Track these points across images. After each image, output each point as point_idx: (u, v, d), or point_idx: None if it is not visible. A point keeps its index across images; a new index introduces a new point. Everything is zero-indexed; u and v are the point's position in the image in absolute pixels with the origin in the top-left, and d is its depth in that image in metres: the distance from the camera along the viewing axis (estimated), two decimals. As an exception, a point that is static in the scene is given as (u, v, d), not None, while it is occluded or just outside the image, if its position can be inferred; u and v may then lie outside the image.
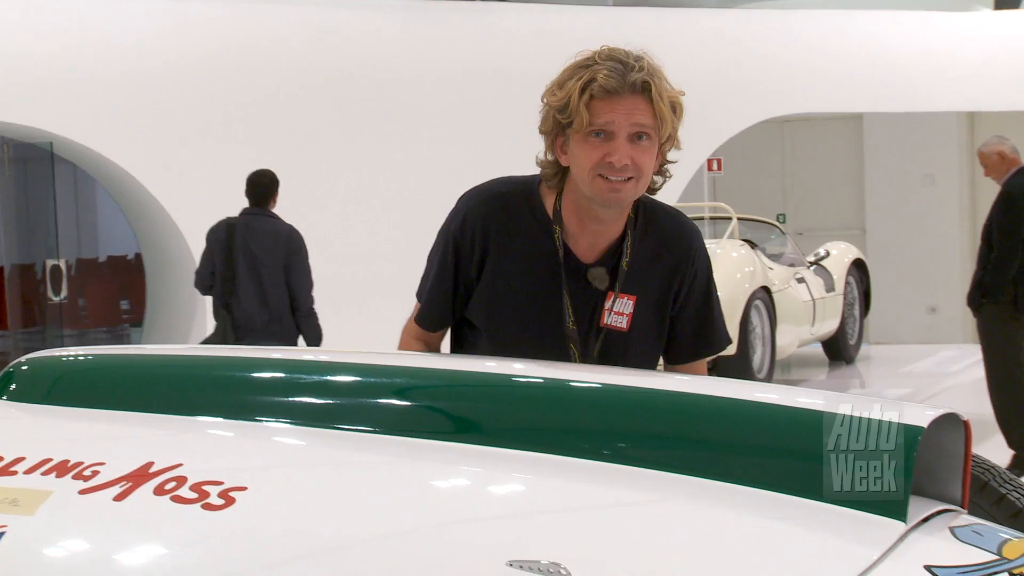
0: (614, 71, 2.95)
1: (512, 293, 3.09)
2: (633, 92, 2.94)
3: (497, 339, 3.12)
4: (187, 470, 2.02)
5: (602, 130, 2.95)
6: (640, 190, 3.01)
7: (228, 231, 8.83)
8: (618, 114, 2.94)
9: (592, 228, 3.07)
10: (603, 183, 2.96)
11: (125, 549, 1.93)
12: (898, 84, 15.53)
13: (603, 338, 3.09)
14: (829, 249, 13.80)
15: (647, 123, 2.95)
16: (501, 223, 3.09)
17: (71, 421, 2.45)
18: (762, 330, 11.27)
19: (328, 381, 2.54)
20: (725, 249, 11.39)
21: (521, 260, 3.08)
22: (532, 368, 2.68)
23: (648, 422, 2.29)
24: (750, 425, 2.21)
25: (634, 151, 2.95)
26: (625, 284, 3.09)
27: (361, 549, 1.89)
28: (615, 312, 3.08)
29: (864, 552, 1.89)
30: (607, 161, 2.94)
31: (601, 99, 2.94)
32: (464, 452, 2.23)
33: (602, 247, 3.09)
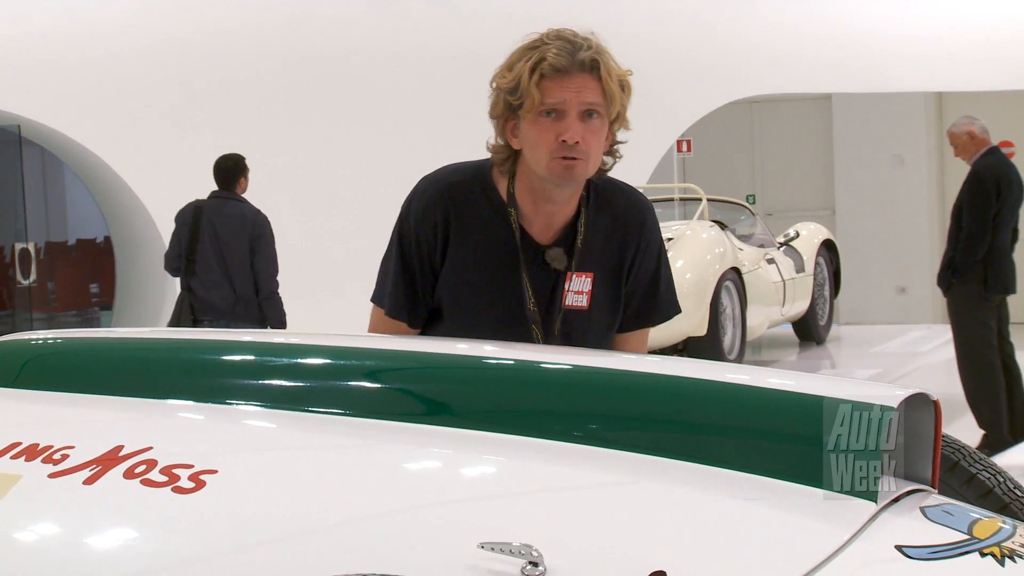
0: (563, 50, 2.97)
1: (472, 278, 3.10)
2: (582, 70, 2.97)
3: (461, 323, 3.13)
4: (157, 453, 2.02)
5: (553, 109, 2.96)
6: (592, 168, 3.03)
7: (195, 213, 8.88)
8: (568, 92, 2.96)
9: (546, 209, 3.08)
10: (557, 162, 2.97)
11: (95, 533, 1.92)
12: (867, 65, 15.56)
13: (564, 317, 3.10)
14: (799, 230, 13.83)
15: (597, 101, 2.98)
16: (458, 210, 3.10)
17: (41, 405, 2.44)
18: (732, 311, 11.29)
19: (299, 364, 2.53)
20: (695, 230, 11.40)
21: (479, 246, 3.09)
22: (503, 350, 2.68)
23: (619, 404, 2.29)
24: (720, 406, 2.22)
25: (585, 130, 2.97)
26: (581, 262, 3.10)
27: (332, 531, 1.88)
28: (574, 291, 3.09)
29: (835, 532, 1.90)
30: (560, 140, 2.96)
31: (551, 78, 2.96)
32: (435, 434, 2.23)
33: (557, 227, 3.10)
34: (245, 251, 8.74)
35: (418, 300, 3.15)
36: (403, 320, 3.17)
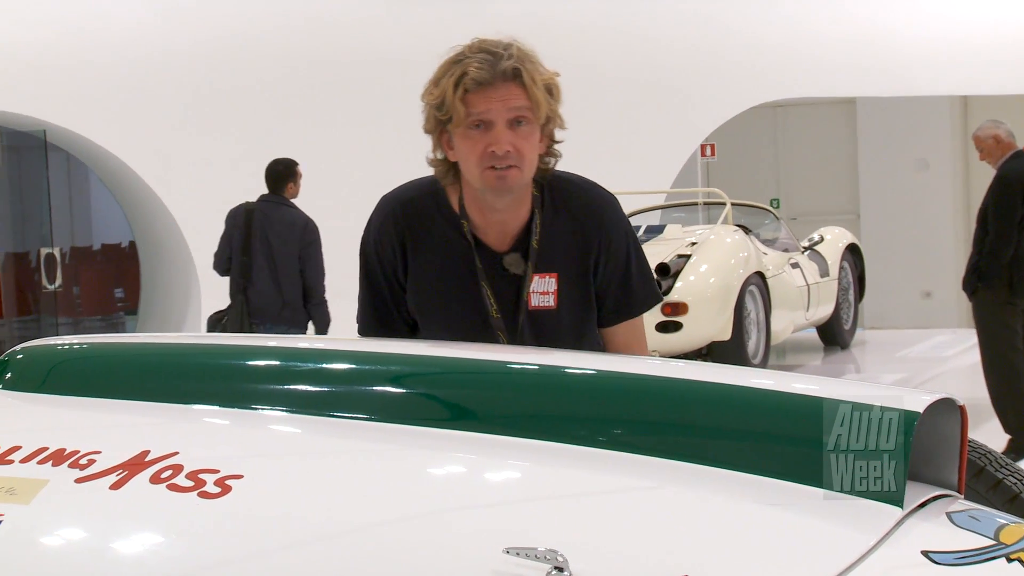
0: (484, 62, 2.99)
1: (434, 292, 3.14)
2: (505, 80, 2.98)
3: (432, 335, 3.17)
4: (183, 458, 2.02)
5: (480, 121, 2.99)
6: (526, 175, 3.05)
7: (246, 217, 9.05)
8: (493, 103, 2.98)
9: (495, 218, 3.11)
10: (489, 173, 3.00)
11: (121, 538, 1.93)
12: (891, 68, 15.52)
13: (534, 320, 3.12)
14: (823, 234, 13.78)
15: (523, 107, 2.99)
16: (412, 226, 3.14)
17: (67, 410, 2.45)
18: (757, 315, 11.27)
19: (323, 369, 2.54)
20: (719, 235, 11.38)
21: (437, 259, 3.13)
22: (528, 355, 2.68)
23: (644, 409, 2.29)
24: (746, 411, 2.21)
25: (514, 137, 2.99)
26: (541, 263, 3.12)
27: (357, 536, 1.89)
28: (539, 292, 3.11)
29: (861, 538, 1.89)
30: (489, 151, 2.98)
31: (475, 91, 2.98)
32: (460, 439, 2.23)
33: (512, 233, 3.13)
34: (294, 257, 8.90)
35: (388, 318, 3.19)
36: (374, 336, 3.21)
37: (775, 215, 13.86)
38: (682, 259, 10.77)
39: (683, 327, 10.46)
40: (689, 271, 10.68)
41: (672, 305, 10.43)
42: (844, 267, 13.58)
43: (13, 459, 2.07)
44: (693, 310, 10.47)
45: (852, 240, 13.94)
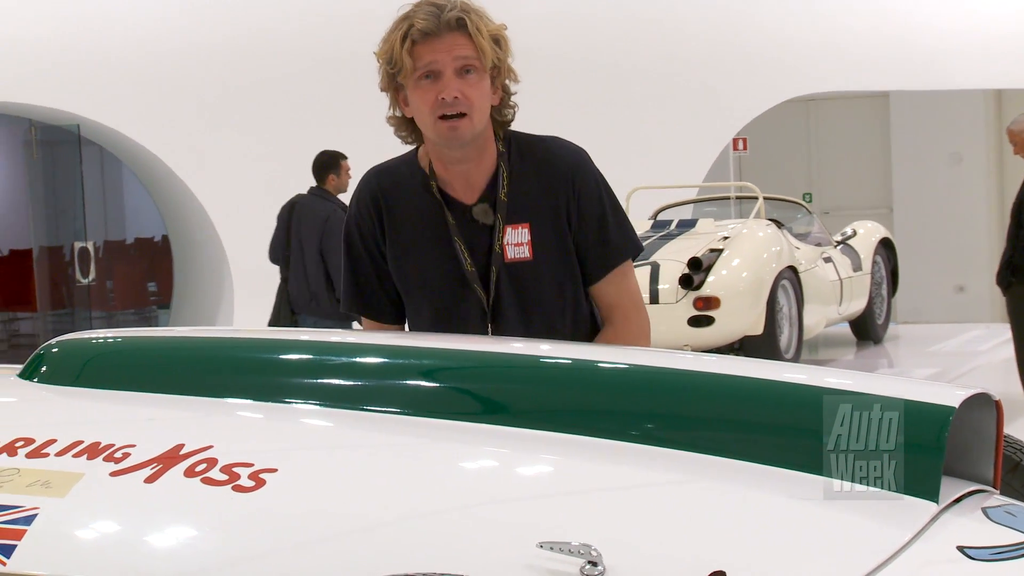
0: (429, 15, 3.06)
1: (411, 253, 3.20)
2: (451, 30, 3.05)
3: (412, 300, 3.22)
4: (217, 452, 2.03)
5: (429, 71, 3.05)
6: (479, 123, 3.10)
7: (288, 209, 9.23)
8: (440, 53, 3.05)
9: (456, 170, 3.17)
10: (441, 124, 3.06)
11: (156, 531, 1.93)
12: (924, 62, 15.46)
13: (511, 271, 3.16)
14: (856, 228, 13.72)
15: (470, 55, 3.06)
16: (386, 191, 3.21)
17: (101, 403, 2.46)
18: (789, 310, 11.23)
19: (355, 363, 2.54)
20: (751, 229, 11.35)
21: (410, 220, 3.19)
22: (560, 349, 2.68)
23: (675, 403, 2.28)
24: (779, 406, 2.21)
25: (463, 85, 3.05)
26: (512, 214, 3.16)
27: (391, 530, 1.89)
28: (514, 244, 3.16)
29: (897, 533, 1.88)
30: (440, 99, 3.04)
31: (422, 42, 3.05)
32: (491, 433, 2.23)
33: (480, 185, 3.18)
34: (316, 249, 8.97)
35: (369, 292, 3.24)
36: (357, 312, 3.26)
37: (808, 209, 13.81)
38: (714, 253, 10.74)
39: (715, 321, 10.43)
40: (721, 265, 10.65)
41: (704, 299, 10.41)
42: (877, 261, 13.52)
43: (49, 452, 2.08)
44: (725, 304, 10.44)
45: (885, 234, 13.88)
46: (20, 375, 2.63)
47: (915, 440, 2.03)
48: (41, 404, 2.53)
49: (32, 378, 2.59)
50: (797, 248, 11.76)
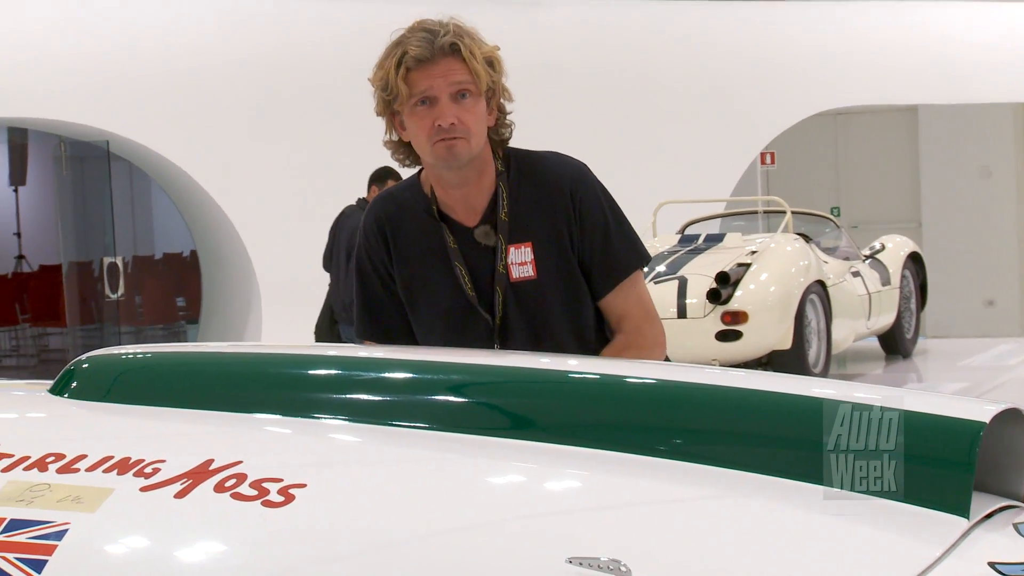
0: (423, 40, 3.08)
1: (416, 278, 3.22)
2: (444, 55, 3.08)
3: (419, 324, 3.25)
4: (247, 467, 2.03)
5: (425, 97, 3.08)
6: (475, 146, 3.12)
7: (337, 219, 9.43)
8: (435, 79, 3.07)
9: (456, 193, 3.19)
10: (439, 145, 3.09)
11: (186, 546, 1.94)
12: (953, 75, 15.43)
13: (515, 292, 3.17)
14: (884, 242, 13.70)
15: (465, 80, 3.08)
16: (391, 217, 3.24)
17: (132, 419, 2.46)
18: (817, 324, 11.21)
19: (383, 378, 2.54)
20: (779, 243, 11.34)
21: (414, 244, 3.22)
22: (587, 364, 2.67)
23: (704, 418, 2.28)
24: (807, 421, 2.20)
25: (459, 111, 3.08)
26: (513, 233, 3.17)
27: (420, 545, 1.89)
28: (518, 263, 3.17)
29: (927, 549, 1.88)
30: (436, 125, 3.07)
31: (416, 69, 3.08)
32: (519, 448, 2.23)
33: (480, 207, 3.20)
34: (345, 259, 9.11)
35: (382, 318, 3.27)
36: (370, 338, 3.28)
37: (836, 223, 13.79)
38: (742, 268, 10.73)
39: (743, 336, 10.43)
40: (749, 280, 10.65)
41: (732, 314, 10.40)
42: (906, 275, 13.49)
43: (79, 467, 2.09)
44: (753, 319, 10.44)
45: (914, 248, 13.85)
46: (51, 390, 2.64)
47: (945, 455, 2.03)
48: (72, 420, 2.54)
49: (63, 393, 2.60)
50: (825, 262, 11.75)
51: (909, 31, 15.43)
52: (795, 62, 14.97)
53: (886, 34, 15.35)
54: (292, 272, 12.80)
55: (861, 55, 15.21)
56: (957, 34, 15.51)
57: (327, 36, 13.18)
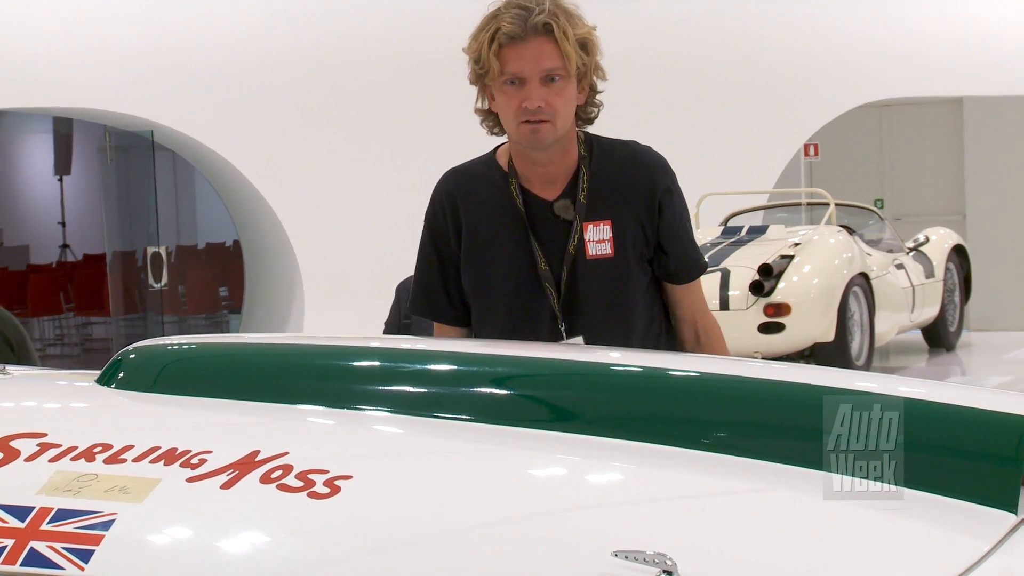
0: (517, 18, 3.06)
1: (486, 250, 3.22)
2: (537, 34, 3.05)
3: (480, 297, 3.25)
4: (292, 458, 2.04)
5: (515, 77, 3.07)
6: (561, 128, 3.12)
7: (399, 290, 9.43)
8: (526, 61, 3.06)
9: (538, 169, 3.19)
10: (524, 127, 3.09)
11: (232, 537, 1.95)
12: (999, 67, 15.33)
13: (592, 268, 3.17)
14: (928, 235, 13.64)
15: (555, 65, 3.07)
16: (463, 190, 3.24)
17: (178, 409, 2.48)
18: (860, 317, 11.17)
19: (427, 370, 2.55)
20: (823, 235, 11.30)
21: (487, 217, 3.22)
22: (630, 357, 2.68)
23: (748, 411, 2.28)
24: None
25: (547, 93, 3.07)
26: (592, 211, 3.18)
27: (465, 537, 1.89)
28: (595, 241, 3.18)
29: (975, 544, 1.87)
30: (523, 106, 3.07)
31: (508, 46, 3.06)
32: (563, 441, 2.23)
33: (560, 183, 3.20)
34: None
35: (435, 295, 3.28)
36: (420, 314, 3.28)
37: (879, 215, 13.73)
38: (785, 260, 10.70)
39: (786, 328, 10.40)
40: (792, 272, 10.62)
41: (775, 306, 10.37)
42: (950, 268, 13.43)
43: (126, 458, 2.10)
44: (796, 311, 10.40)
45: (958, 241, 13.78)
46: (98, 381, 2.65)
47: (992, 450, 2.02)
48: (119, 410, 2.56)
49: (110, 384, 2.61)
50: (869, 255, 11.70)
51: (953, 22, 15.34)
52: (839, 53, 14.90)
53: (931, 25, 15.27)
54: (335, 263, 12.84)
55: (906, 46, 15.13)
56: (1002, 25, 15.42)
57: (373, 26, 13.19)
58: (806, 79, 14.75)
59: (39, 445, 2.16)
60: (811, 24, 14.96)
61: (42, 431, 2.23)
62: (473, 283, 3.25)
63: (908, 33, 15.21)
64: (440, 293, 3.28)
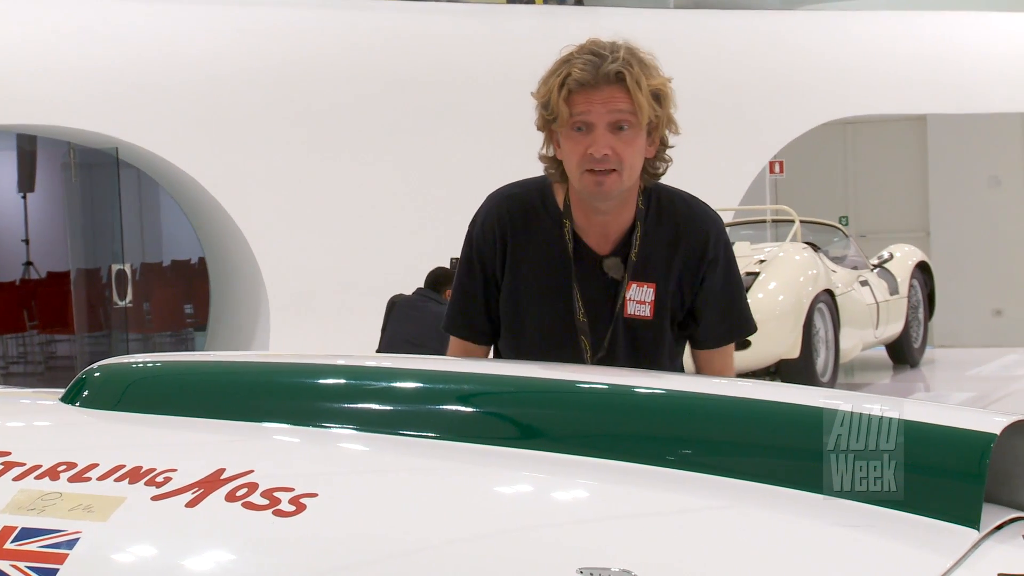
0: (589, 64, 2.99)
1: (528, 288, 3.15)
2: (609, 83, 2.98)
3: (512, 334, 3.18)
4: (258, 476, 2.03)
5: (582, 123, 2.99)
6: (626, 181, 3.04)
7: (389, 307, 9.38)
8: (594, 105, 2.97)
9: (596, 220, 3.11)
10: (588, 176, 3.00)
11: (197, 555, 1.94)
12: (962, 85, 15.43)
13: (625, 328, 3.12)
14: (893, 251, 13.70)
15: (624, 110, 2.99)
16: (516, 221, 3.14)
17: (143, 427, 2.47)
18: (825, 333, 11.21)
19: (392, 388, 2.54)
20: (788, 252, 11.33)
21: (536, 255, 3.14)
22: (596, 374, 2.68)
23: (712, 428, 2.28)
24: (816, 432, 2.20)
25: (615, 142, 2.98)
26: (639, 272, 3.11)
27: (431, 554, 1.89)
28: (636, 301, 3.11)
29: (938, 560, 1.88)
30: (588, 153, 2.98)
31: (578, 93, 2.98)
32: (529, 458, 2.23)
33: (615, 238, 3.13)
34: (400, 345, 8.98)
35: (473, 315, 3.21)
36: (457, 334, 3.22)
37: (844, 232, 13.79)
38: (751, 277, 10.73)
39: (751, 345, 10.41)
40: (758, 289, 10.64)
41: (740, 323, 10.39)
42: (914, 285, 13.49)
43: (91, 476, 2.09)
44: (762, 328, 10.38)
45: (922, 258, 13.85)
46: (62, 399, 2.64)
47: (956, 467, 2.03)
48: (83, 428, 2.54)
49: (74, 402, 2.60)
50: (834, 271, 11.74)
51: (918, 41, 15.42)
52: (804, 71, 14.97)
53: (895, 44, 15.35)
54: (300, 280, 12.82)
55: (870, 65, 15.21)
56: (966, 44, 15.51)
57: (337, 46, 13.20)
58: (771, 97, 14.81)
59: (3, 464, 2.16)
60: (777, 43, 15.03)
61: (6, 449, 2.22)
62: (509, 317, 3.19)
63: (872, 51, 15.28)
64: (481, 315, 3.20)
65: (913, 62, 15.29)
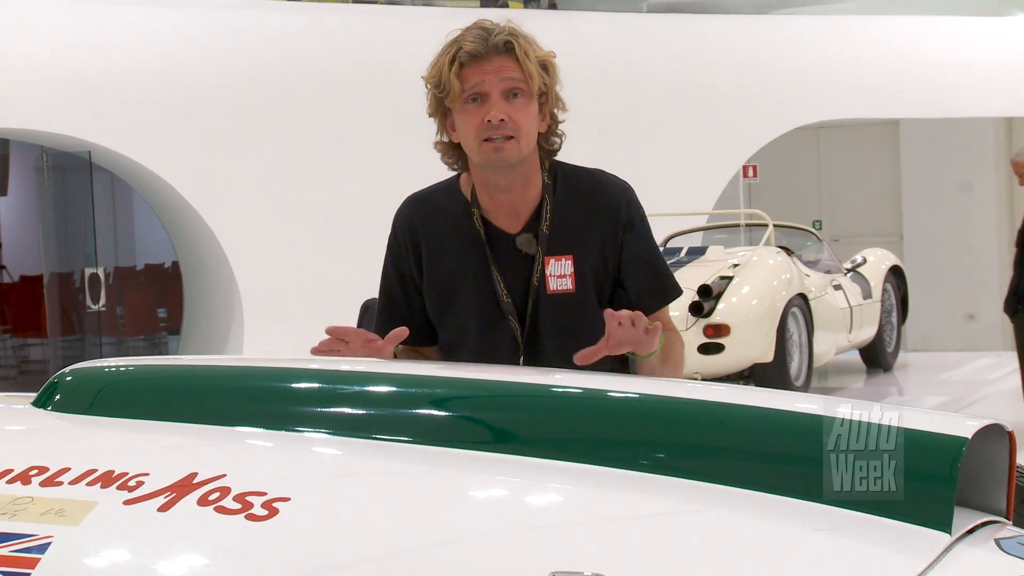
0: (477, 37, 3.08)
1: (447, 282, 3.21)
2: (498, 53, 3.07)
3: (446, 330, 3.24)
4: (230, 481, 2.03)
5: (476, 93, 3.07)
6: (525, 147, 3.10)
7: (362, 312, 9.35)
8: (487, 75, 3.06)
9: (503, 199, 3.18)
10: (487, 145, 3.07)
11: (169, 559, 1.94)
12: (934, 90, 15.48)
13: (553, 303, 3.16)
14: (866, 256, 13.74)
15: (517, 78, 3.07)
16: (425, 219, 3.23)
17: (115, 432, 2.46)
18: (799, 337, 11.23)
19: (366, 391, 2.54)
20: (761, 256, 11.36)
21: (451, 247, 3.20)
22: (570, 378, 2.68)
23: (687, 432, 2.28)
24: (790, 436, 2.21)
25: (510, 108, 3.06)
26: (554, 245, 3.17)
27: (404, 558, 1.89)
28: (556, 276, 3.16)
29: (909, 564, 1.88)
30: (486, 121, 3.05)
31: (469, 65, 3.07)
32: (502, 462, 2.23)
33: (524, 216, 3.19)
34: None
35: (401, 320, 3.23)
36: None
37: (817, 236, 13.82)
38: (724, 281, 10.75)
39: (725, 349, 10.44)
40: (731, 293, 10.66)
41: (714, 327, 10.41)
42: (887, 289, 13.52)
43: (62, 481, 2.08)
44: (735, 332, 10.45)
45: (895, 262, 13.89)
46: (34, 403, 2.63)
47: (927, 471, 2.03)
48: (55, 433, 2.54)
49: (46, 406, 2.60)
50: (807, 275, 11.77)
51: (891, 46, 15.47)
52: (777, 76, 15.00)
53: (868, 48, 15.40)
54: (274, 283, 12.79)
55: (843, 69, 15.26)
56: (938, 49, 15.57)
57: (309, 48, 13.18)
58: (744, 101, 14.84)
59: (-26, 468, 2.15)
60: (749, 47, 15.06)
61: (-23, 454, 2.21)
62: (437, 312, 3.24)
63: (845, 56, 15.33)
64: (406, 319, 3.24)
65: (886, 67, 15.34)
